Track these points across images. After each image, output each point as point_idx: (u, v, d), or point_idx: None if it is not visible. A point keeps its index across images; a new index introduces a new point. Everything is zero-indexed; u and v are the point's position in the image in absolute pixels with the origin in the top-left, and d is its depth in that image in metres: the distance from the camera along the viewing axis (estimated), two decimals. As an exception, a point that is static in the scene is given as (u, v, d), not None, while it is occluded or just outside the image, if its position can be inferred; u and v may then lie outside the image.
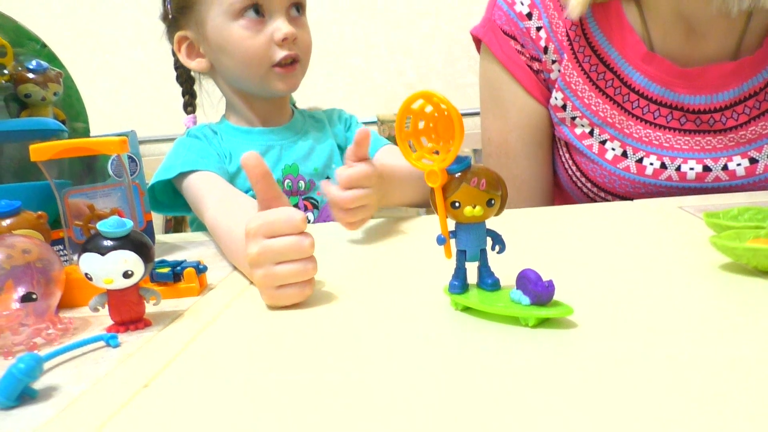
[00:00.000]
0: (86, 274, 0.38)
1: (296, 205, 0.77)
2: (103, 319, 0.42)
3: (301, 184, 0.77)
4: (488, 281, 0.37)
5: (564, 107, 0.74)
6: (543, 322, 0.34)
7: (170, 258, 0.60)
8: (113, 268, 0.37)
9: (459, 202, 0.35)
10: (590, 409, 0.25)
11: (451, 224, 0.37)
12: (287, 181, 0.75)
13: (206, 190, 0.64)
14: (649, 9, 0.69)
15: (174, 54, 0.78)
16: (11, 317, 0.37)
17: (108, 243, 0.37)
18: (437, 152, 0.36)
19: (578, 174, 0.76)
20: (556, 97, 0.74)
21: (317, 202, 0.77)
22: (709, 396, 0.25)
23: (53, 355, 0.34)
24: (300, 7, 0.74)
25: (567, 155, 0.76)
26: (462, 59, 1.65)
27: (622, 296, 0.38)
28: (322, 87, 1.54)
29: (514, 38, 0.74)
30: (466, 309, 0.37)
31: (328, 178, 0.78)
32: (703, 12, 0.67)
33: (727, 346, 0.30)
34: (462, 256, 0.37)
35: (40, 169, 0.49)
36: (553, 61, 0.73)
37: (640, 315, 0.35)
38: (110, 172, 0.57)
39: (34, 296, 0.37)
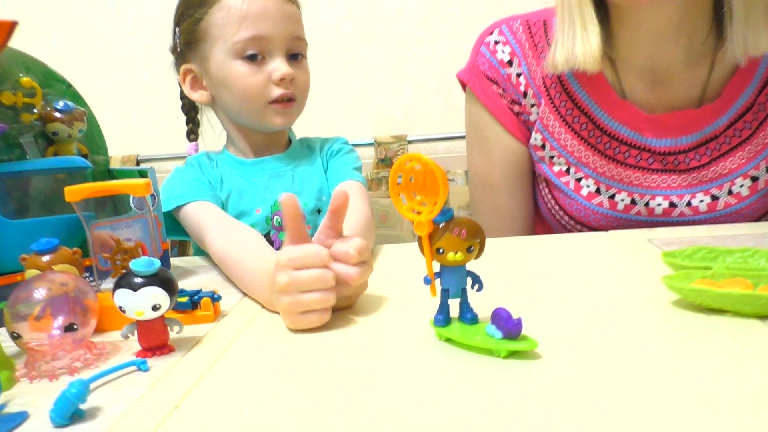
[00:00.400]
0: (120, 307, 0.43)
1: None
2: (131, 344, 0.48)
3: None
4: (468, 316, 0.43)
5: (543, 147, 0.80)
6: (513, 354, 0.40)
7: (183, 283, 0.65)
8: (143, 303, 0.43)
9: (443, 249, 0.41)
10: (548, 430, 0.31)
11: (436, 266, 0.43)
12: (276, 217, 0.78)
13: (205, 221, 0.68)
14: (621, 62, 0.76)
15: (180, 84, 0.84)
16: (55, 344, 0.43)
17: (139, 280, 0.43)
18: (425, 204, 0.43)
19: (557, 207, 0.82)
20: (536, 138, 0.80)
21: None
22: (645, 421, 0.31)
23: (95, 378, 0.40)
24: (299, 54, 0.79)
25: (546, 190, 0.83)
26: (456, 84, 1.71)
27: (582, 329, 0.44)
28: (323, 107, 1.60)
29: (496, 83, 0.81)
30: (449, 340, 0.43)
31: (319, 211, 0.79)
32: (674, 63, 0.74)
33: (668, 378, 0.36)
34: (445, 294, 0.43)
35: (64, 200, 0.55)
36: (532, 105, 0.80)
37: (596, 347, 0.41)
38: (132, 206, 0.63)
39: (75, 326, 0.43)
